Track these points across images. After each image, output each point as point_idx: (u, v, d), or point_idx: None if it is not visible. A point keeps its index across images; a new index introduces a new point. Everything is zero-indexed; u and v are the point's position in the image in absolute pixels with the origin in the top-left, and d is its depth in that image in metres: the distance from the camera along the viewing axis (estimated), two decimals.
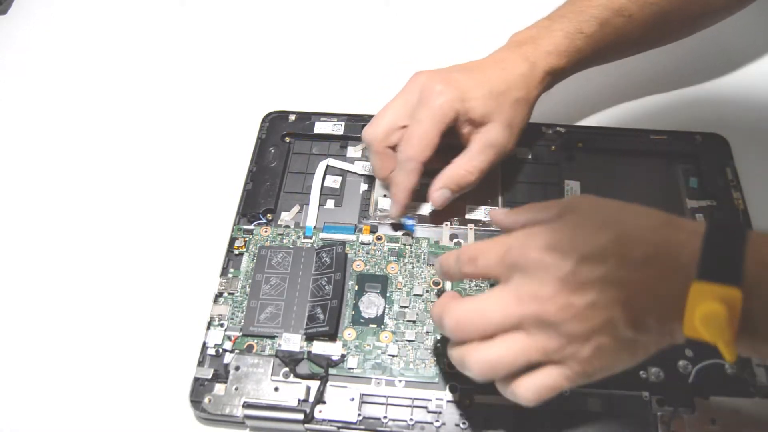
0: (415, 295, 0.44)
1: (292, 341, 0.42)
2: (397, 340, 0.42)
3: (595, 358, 0.31)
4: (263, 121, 0.54)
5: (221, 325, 0.43)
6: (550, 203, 0.35)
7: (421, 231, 0.47)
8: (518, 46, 0.46)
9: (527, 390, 0.32)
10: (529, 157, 0.51)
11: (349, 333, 0.43)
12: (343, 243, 0.46)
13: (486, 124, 0.44)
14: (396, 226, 0.48)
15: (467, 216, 0.48)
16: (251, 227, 0.48)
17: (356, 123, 0.53)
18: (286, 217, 0.49)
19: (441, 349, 0.42)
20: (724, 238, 0.29)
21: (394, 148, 0.45)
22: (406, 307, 0.44)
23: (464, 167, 0.44)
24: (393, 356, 0.42)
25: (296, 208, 0.49)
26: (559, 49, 0.46)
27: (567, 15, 0.47)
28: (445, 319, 0.34)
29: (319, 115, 0.54)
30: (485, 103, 0.44)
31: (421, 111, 0.43)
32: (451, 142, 0.45)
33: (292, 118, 0.54)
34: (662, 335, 0.31)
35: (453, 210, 0.48)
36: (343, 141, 0.52)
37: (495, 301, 0.32)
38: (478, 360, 0.33)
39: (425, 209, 0.48)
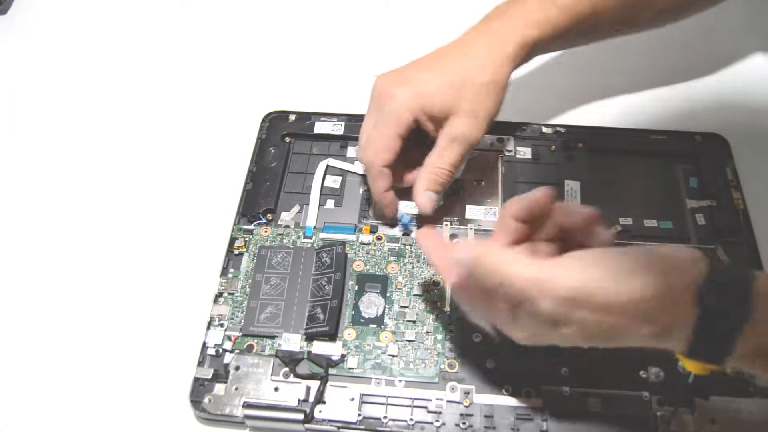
0: (415, 295, 0.44)
1: (292, 341, 0.42)
2: (397, 340, 0.42)
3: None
4: (263, 121, 0.54)
5: (221, 325, 0.43)
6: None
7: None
8: (487, 23, 0.45)
9: None
10: (529, 157, 0.51)
11: (349, 333, 0.43)
12: (343, 243, 0.46)
13: (449, 117, 0.43)
14: (394, 223, 0.48)
15: (467, 216, 0.48)
16: (251, 227, 0.48)
17: (356, 123, 0.52)
18: (286, 217, 0.49)
19: (441, 349, 0.42)
20: (719, 324, 0.29)
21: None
22: (406, 307, 0.44)
23: (436, 165, 0.44)
24: (393, 356, 0.42)
25: (296, 208, 0.49)
26: (530, 19, 0.44)
27: None
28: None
29: (319, 115, 0.54)
30: (444, 96, 0.43)
31: (378, 116, 0.44)
32: (427, 140, 0.45)
33: (292, 118, 0.54)
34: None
35: (453, 210, 0.48)
36: (343, 141, 0.52)
37: None
38: None
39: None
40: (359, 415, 0.40)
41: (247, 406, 0.40)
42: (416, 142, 0.45)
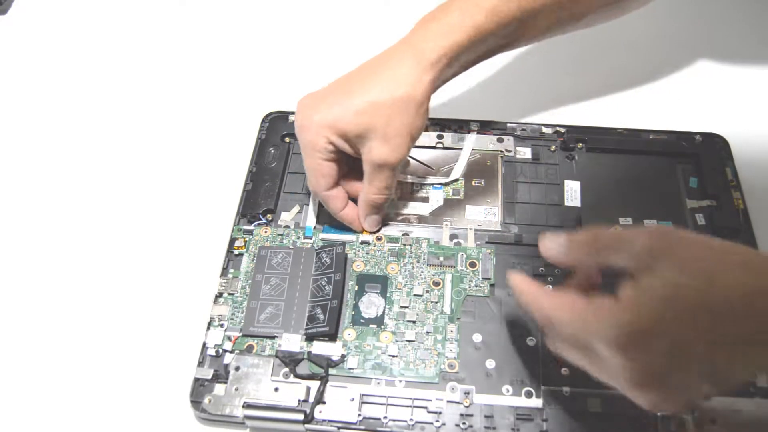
0: (415, 295, 0.44)
1: (292, 341, 0.42)
2: (397, 340, 0.42)
3: None
4: (263, 121, 0.54)
5: (221, 326, 0.43)
6: (622, 238, 0.31)
7: (421, 231, 0.47)
8: (410, 35, 0.43)
9: None
10: (529, 157, 0.51)
11: (349, 333, 0.43)
12: (343, 243, 0.46)
13: (365, 141, 0.42)
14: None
15: (467, 216, 0.48)
16: (251, 227, 0.48)
17: None
18: (286, 217, 0.49)
19: (441, 349, 0.42)
20: None
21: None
22: (406, 307, 0.44)
23: (368, 193, 0.44)
24: (393, 356, 0.42)
25: (296, 209, 0.49)
26: (453, 25, 0.42)
27: None
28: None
29: None
30: (357, 121, 0.41)
31: (301, 146, 0.43)
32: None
33: (291, 118, 0.54)
34: None
35: (453, 210, 0.48)
36: None
37: None
38: None
39: (423, 209, 0.48)
40: (359, 415, 0.40)
41: (247, 406, 0.40)
42: None
